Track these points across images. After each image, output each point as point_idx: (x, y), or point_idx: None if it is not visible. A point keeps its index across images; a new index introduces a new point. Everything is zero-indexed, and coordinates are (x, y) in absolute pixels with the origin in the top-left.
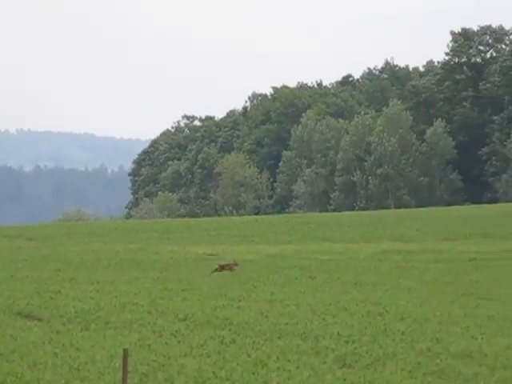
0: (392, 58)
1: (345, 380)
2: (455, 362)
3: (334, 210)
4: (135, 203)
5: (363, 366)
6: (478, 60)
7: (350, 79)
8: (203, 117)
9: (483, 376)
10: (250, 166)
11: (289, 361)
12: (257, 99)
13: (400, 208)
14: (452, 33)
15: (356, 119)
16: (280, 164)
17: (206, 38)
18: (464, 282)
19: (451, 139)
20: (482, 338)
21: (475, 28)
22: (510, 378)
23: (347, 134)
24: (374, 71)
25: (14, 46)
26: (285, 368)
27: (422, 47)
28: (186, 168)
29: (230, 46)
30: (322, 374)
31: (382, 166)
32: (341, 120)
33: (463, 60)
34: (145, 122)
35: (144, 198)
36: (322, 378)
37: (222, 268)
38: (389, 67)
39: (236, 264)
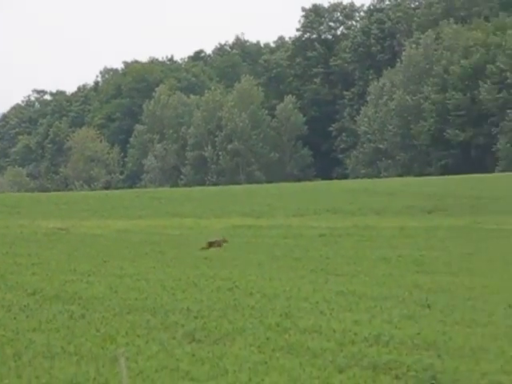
0: (242, 33)
1: (194, 355)
2: (304, 337)
3: (185, 185)
4: None
5: (212, 341)
6: (329, 36)
7: (202, 55)
8: (54, 91)
9: (331, 351)
10: (101, 141)
11: (138, 336)
12: (108, 74)
13: (251, 183)
14: (303, 9)
15: (207, 94)
16: (131, 139)
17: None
18: (314, 257)
19: (302, 115)
20: (330, 314)
21: (326, 5)
22: (358, 353)
23: (198, 109)
24: (225, 47)
25: None
26: (134, 343)
27: (273, 23)
28: (37, 143)
29: (78, 21)
30: (171, 348)
31: (232, 142)
32: (192, 95)
33: (314, 36)
34: None
35: None
36: (171, 353)
37: (210, 245)
38: (240, 43)
39: (225, 240)
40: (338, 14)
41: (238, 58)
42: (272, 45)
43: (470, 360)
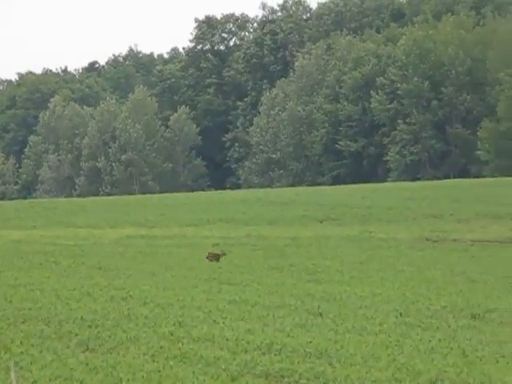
0: (136, 44)
1: (87, 364)
2: (197, 345)
3: (79, 196)
4: None
5: (106, 350)
6: (222, 47)
7: (96, 66)
8: None
9: (224, 360)
10: None
11: (32, 345)
12: (2, 85)
13: (145, 194)
14: (196, 20)
15: (102, 105)
16: (26, 150)
17: None
18: (207, 267)
19: (195, 125)
20: (223, 323)
21: (219, 16)
22: (250, 361)
23: (93, 119)
24: (118, 58)
25: None
26: (28, 352)
27: (167, 34)
28: None
29: None
30: (65, 358)
31: (126, 152)
32: (85, 107)
33: (207, 47)
34: None
35: None
36: (65, 362)
37: (213, 257)
38: (133, 54)
39: (223, 254)
40: (231, 24)
41: (132, 69)
42: (166, 56)
43: (362, 368)
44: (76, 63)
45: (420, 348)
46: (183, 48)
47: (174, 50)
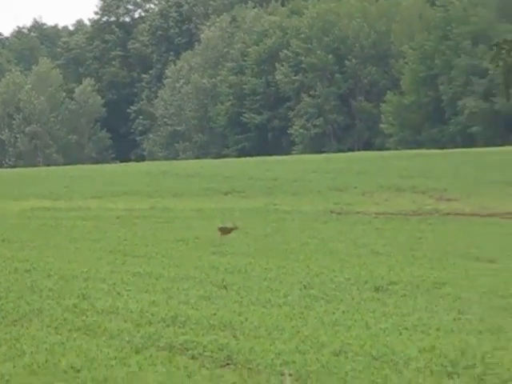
0: (40, 16)
1: None
2: (101, 318)
3: None
4: None
5: (10, 323)
6: (127, 19)
7: (0, 37)
8: None
9: (128, 332)
10: None
11: None
12: None
13: (49, 166)
14: None
15: (7, 77)
16: None
17: None
18: (112, 239)
19: (100, 97)
20: (127, 295)
21: None
22: (154, 334)
23: None
24: (23, 30)
25: None
26: None
27: (72, 6)
28: None
29: None
30: None
31: (31, 124)
32: None
33: (112, 19)
34: None
35: None
36: None
37: (222, 232)
38: (37, 26)
39: (236, 227)
40: None
41: (37, 41)
42: (71, 28)
43: (266, 340)
44: None
45: (324, 320)
46: (88, 19)
47: (79, 21)
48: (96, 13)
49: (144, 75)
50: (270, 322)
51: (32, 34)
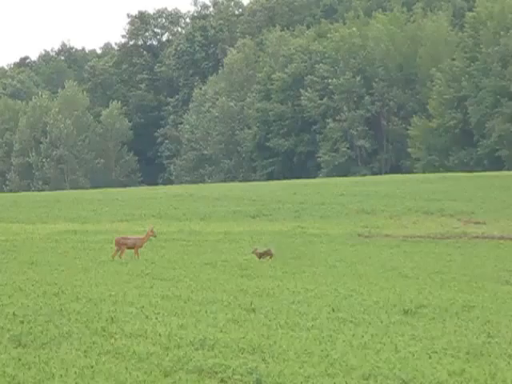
0: (68, 40)
1: (20, 359)
2: (130, 341)
3: (10, 191)
4: None
5: (38, 346)
6: (154, 43)
7: (28, 61)
8: None
9: (157, 355)
10: None
11: None
12: None
13: (76, 189)
14: (129, 15)
15: (34, 100)
16: None
17: None
18: (139, 262)
19: (127, 121)
20: (156, 318)
21: (151, 11)
22: (183, 357)
23: (25, 114)
24: (50, 53)
25: None
26: None
27: (99, 30)
28: None
29: None
30: None
31: (57, 148)
32: (18, 101)
33: (140, 43)
34: None
35: None
36: None
37: (260, 256)
38: (65, 49)
39: (270, 253)
40: (164, 19)
41: (64, 65)
42: (98, 51)
43: (295, 363)
44: (8, 58)
45: (353, 343)
46: (116, 43)
47: (107, 45)
48: (123, 36)
49: (170, 99)
50: (298, 345)
51: (60, 57)
